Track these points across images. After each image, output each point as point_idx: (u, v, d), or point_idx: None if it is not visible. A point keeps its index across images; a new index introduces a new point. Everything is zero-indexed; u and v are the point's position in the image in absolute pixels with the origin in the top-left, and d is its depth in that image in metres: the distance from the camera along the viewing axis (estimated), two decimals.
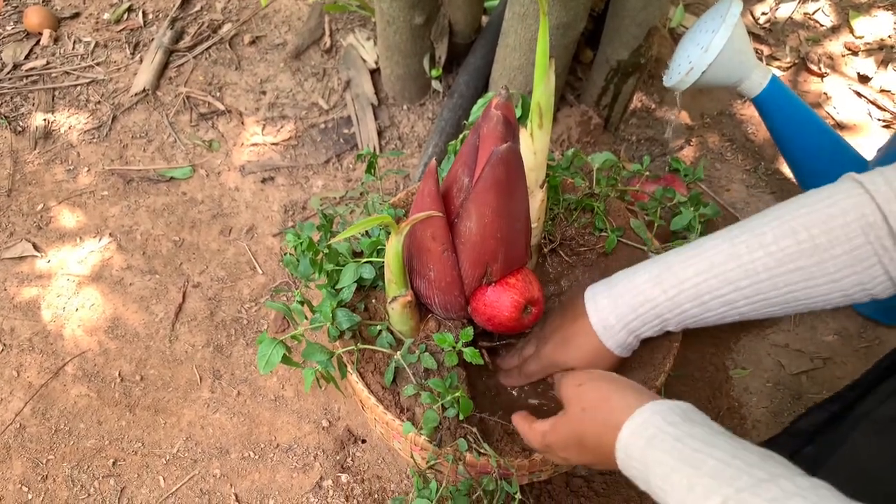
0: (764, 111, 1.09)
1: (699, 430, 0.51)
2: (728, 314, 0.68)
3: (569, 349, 0.78)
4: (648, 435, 0.53)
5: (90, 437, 1.04)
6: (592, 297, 0.77)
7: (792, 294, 0.63)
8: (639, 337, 0.75)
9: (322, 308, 0.80)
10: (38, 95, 1.42)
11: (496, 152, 0.65)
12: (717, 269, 0.66)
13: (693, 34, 1.05)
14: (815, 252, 0.61)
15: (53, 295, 1.17)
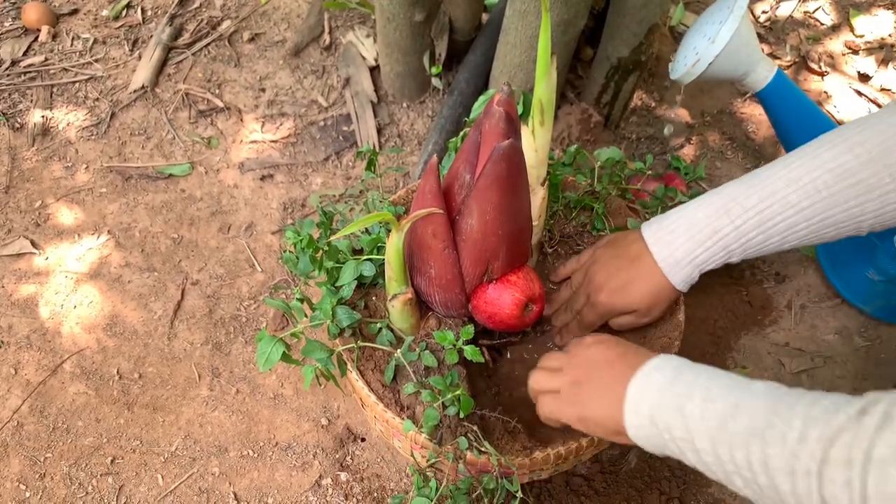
0: (768, 105, 1.08)
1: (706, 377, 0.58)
2: (788, 239, 0.71)
3: (630, 291, 0.79)
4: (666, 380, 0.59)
5: (88, 435, 1.03)
6: (653, 236, 0.78)
7: (848, 211, 0.66)
8: (702, 271, 0.77)
9: (322, 305, 0.80)
10: (36, 92, 1.41)
11: (498, 149, 0.65)
12: (778, 195, 0.69)
13: (699, 26, 1.05)
14: (870, 163, 0.64)
15: (51, 292, 1.17)
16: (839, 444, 0.44)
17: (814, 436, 0.46)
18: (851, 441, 0.44)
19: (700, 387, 0.56)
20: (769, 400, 0.51)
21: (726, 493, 1.00)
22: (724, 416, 0.53)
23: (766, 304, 1.21)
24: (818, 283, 1.22)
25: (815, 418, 0.47)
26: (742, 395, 0.53)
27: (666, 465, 1.02)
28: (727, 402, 0.54)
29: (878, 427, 0.43)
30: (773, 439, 0.48)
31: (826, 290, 1.21)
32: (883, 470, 0.41)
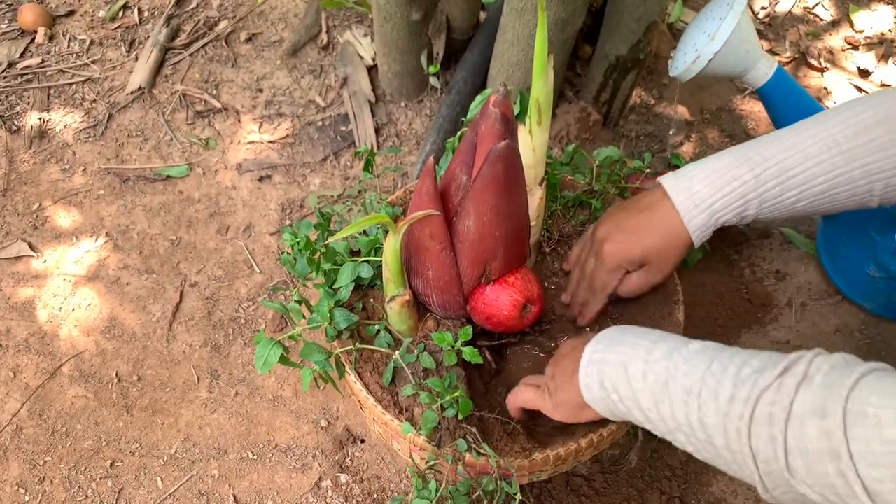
0: (768, 102, 1.08)
1: None
2: (804, 196, 0.71)
3: (641, 237, 0.77)
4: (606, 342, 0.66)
5: (87, 438, 1.03)
6: (671, 181, 0.77)
7: (865, 167, 0.68)
8: (718, 221, 0.76)
9: (320, 308, 0.80)
10: (33, 94, 1.41)
11: (494, 150, 0.65)
12: (798, 146, 0.70)
13: (699, 22, 1.04)
14: (887, 121, 0.66)
15: (50, 295, 1.17)
16: (763, 402, 0.49)
17: (742, 396, 0.50)
18: (773, 399, 0.48)
19: (641, 348, 0.61)
20: (704, 361, 0.55)
21: (727, 492, 1.00)
22: (665, 377, 0.57)
23: (766, 301, 1.20)
24: (818, 281, 1.22)
25: (744, 380, 0.51)
26: (680, 356, 0.57)
27: (666, 465, 1.01)
28: (668, 363, 0.58)
29: (797, 385, 0.47)
30: (708, 398, 0.53)
31: (826, 288, 1.21)
32: (801, 425, 0.46)
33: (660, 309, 0.88)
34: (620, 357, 0.62)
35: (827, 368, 0.47)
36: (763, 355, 0.52)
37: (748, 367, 0.52)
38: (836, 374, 0.46)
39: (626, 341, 0.64)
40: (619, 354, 0.63)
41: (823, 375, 0.47)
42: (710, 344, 0.58)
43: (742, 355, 0.54)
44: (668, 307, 0.87)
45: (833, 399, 0.45)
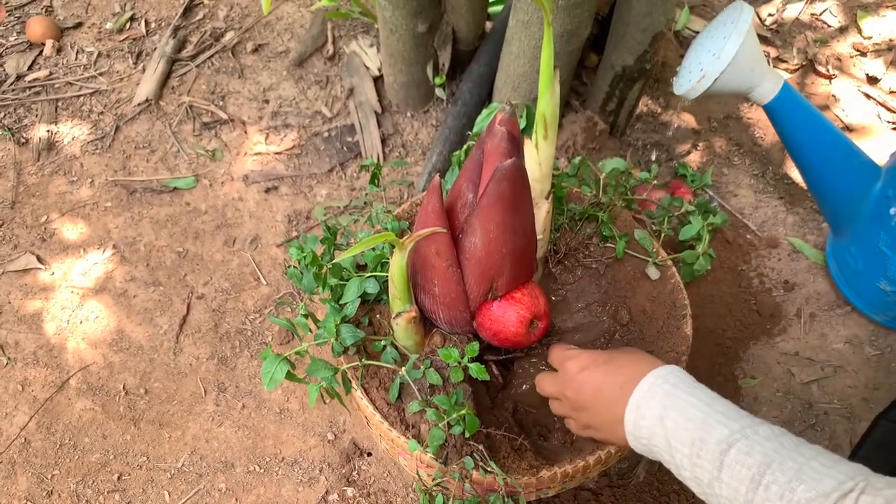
0: (775, 118, 1.07)
1: (704, 391, 0.61)
2: None
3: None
4: (661, 392, 0.62)
5: (95, 451, 1.03)
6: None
7: None
8: None
9: (326, 324, 0.80)
10: (41, 106, 1.42)
11: (500, 168, 0.64)
12: None
13: (703, 40, 1.03)
14: None
15: (57, 307, 1.17)
16: None
17: None
18: None
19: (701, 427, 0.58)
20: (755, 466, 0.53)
21: None
22: (711, 479, 0.56)
23: (775, 312, 1.19)
24: (828, 292, 1.21)
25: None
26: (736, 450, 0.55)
27: (675, 480, 1.01)
28: (712, 464, 0.56)
29: None
30: (763, 493, 0.52)
31: (836, 299, 1.20)
32: None
33: (668, 323, 0.88)
34: (676, 431, 0.59)
35: None
36: (816, 474, 0.51)
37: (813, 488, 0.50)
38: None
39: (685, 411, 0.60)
40: (674, 425, 0.59)
41: None
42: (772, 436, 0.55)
43: (789, 472, 0.52)
44: (676, 321, 0.87)
45: None
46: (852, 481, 0.49)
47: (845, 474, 0.50)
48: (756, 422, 0.56)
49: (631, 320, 0.91)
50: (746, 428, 0.56)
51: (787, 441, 0.54)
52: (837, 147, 1.07)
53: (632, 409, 0.64)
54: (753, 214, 1.31)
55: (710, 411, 0.58)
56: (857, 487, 0.48)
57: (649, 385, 0.63)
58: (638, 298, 0.92)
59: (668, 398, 0.61)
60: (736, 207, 1.31)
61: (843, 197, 1.10)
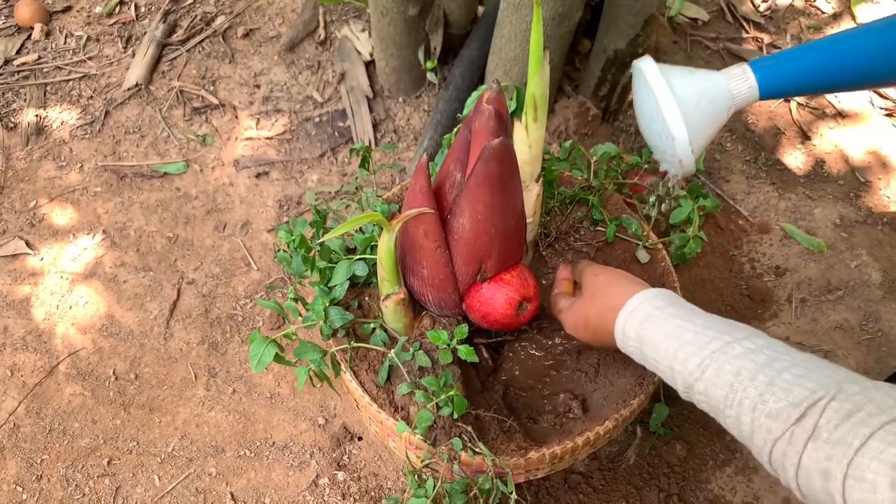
0: (787, 90, 0.86)
1: (680, 310, 0.63)
2: None
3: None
4: (640, 318, 0.65)
5: (84, 436, 1.03)
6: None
7: None
8: None
9: (314, 306, 0.79)
10: (29, 91, 1.40)
11: (488, 147, 0.64)
12: None
13: (647, 126, 0.87)
14: None
15: (47, 293, 1.16)
16: (776, 451, 0.51)
17: (759, 435, 0.53)
18: (784, 449, 0.51)
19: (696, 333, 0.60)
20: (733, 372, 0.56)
21: (726, 490, 0.99)
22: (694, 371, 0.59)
23: (766, 297, 1.20)
24: (818, 276, 1.21)
25: (760, 421, 0.52)
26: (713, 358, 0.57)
27: (665, 462, 1.01)
28: (686, 390, 0.60)
29: (805, 441, 0.49)
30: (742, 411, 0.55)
31: (826, 284, 1.20)
32: (808, 477, 0.49)
33: None
34: (672, 329, 0.61)
35: (837, 421, 0.47)
36: (783, 388, 0.52)
37: (768, 404, 0.52)
38: (844, 431, 0.47)
39: (680, 315, 0.63)
40: (671, 326, 0.62)
41: (832, 430, 0.47)
42: (764, 345, 0.56)
43: (768, 379, 0.53)
44: None
45: (836, 461, 0.46)
46: (823, 390, 0.49)
47: (818, 383, 0.50)
48: (726, 341, 0.57)
49: None
50: (716, 351, 0.57)
51: (758, 357, 0.54)
52: (871, 36, 0.82)
53: (619, 330, 0.67)
54: (745, 200, 1.31)
55: (680, 341, 0.60)
56: (827, 395, 0.49)
57: (633, 308, 0.66)
58: None
59: (646, 321, 0.64)
60: (728, 193, 1.31)
61: None
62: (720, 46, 1.54)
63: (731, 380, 0.55)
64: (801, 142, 1.41)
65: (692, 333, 0.60)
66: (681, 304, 0.65)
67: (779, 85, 0.84)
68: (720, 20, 1.60)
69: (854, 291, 1.20)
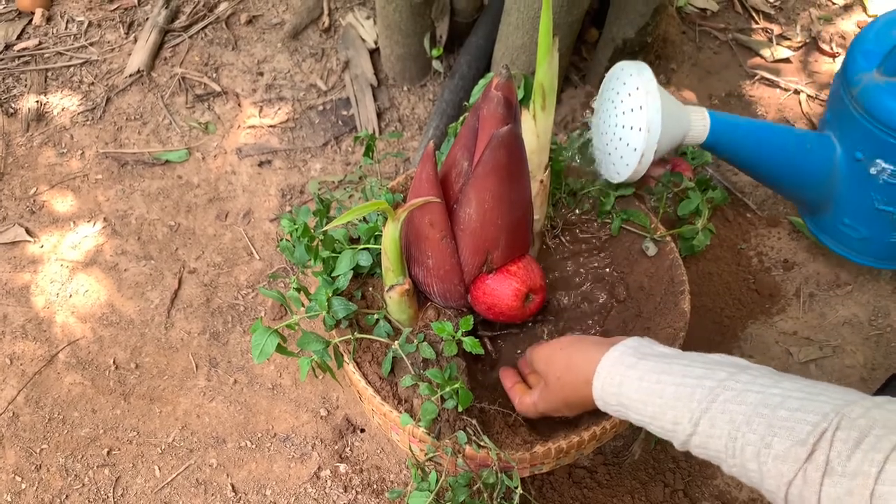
0: (717, 149, 0.98)
1: (653, 361, 0.60)
2: None
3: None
4: (615, 383, 0.62)
5: (84, 426, 1.02)
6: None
7: None
8: None
9: (318, 296, 0.78)
10: (30, 76, 1.39)
11: (496, 135, 0.62)
12: None
13: (610, 119, 0.92)
14: None
15: (47, 281, 1.15)
16: (792, 492, 0.49)
17: (770, 480, 0.50)
18: (801, 490, 0.48)
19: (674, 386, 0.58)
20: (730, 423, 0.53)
21: (731, 486, 0.98)
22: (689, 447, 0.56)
23: (774, 291, 1.18)
24: (827, 271, 1.19)
25: (768, 466, 0.49)
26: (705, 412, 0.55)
27: (670, 457, 1.00)
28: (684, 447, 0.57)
29: (821, 478, 0.46)
30: (740, 457, 0.52)
31: (835, 278, 1.19)
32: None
33: (665, 299, 0.86)
34: (651, 386, 0.59)
35: (848, 452, 0.45)
36: (788, 422, 0.49)
37: (773, 447, 0.49)
38: (858, 461, 0.45)
39: (654, 368, 0.60)
40: (648, 383, 0.59)
41: (845, 462, 0.45)
42: (749, 381, 0.53)
43: (768, 425, 0.50)
44: (674, 297, 0.85)
45: (857, 494, 0.44)
46: (825, 420, 0.47)
47: (817, 413, 0.48)
48: (710, 388, 0.54)
49: (628, 296, 0.90)
50: (704, 401, 0.54)
51: (748, 397, 0.52)
52: (786, 140, 1.02)
53: (598, 400, 0.64)
54: (753, 193, 1.29)
55: (664, 398, 0.57)
56: (830, 425, 0.47)
57: (604, 375, 0.63)
58: (636, 274, 0.91)
59: (623, 385, 0.61)
60: (736, 186, 1.30)
61: (811, 180, 1.04)
62: (729, 37, 1.52)
63: (728, 429, 0.52)
64: None
65: (673, 387, 0.57)
66: (651, 354, 0.62)
67: (721, 136, 0.95)
68: (729, 10, 1.58)
69: (863, 286, 1.18)
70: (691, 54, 1.49)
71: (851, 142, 0.99)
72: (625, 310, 0.90)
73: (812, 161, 1.03)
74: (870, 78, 0.94)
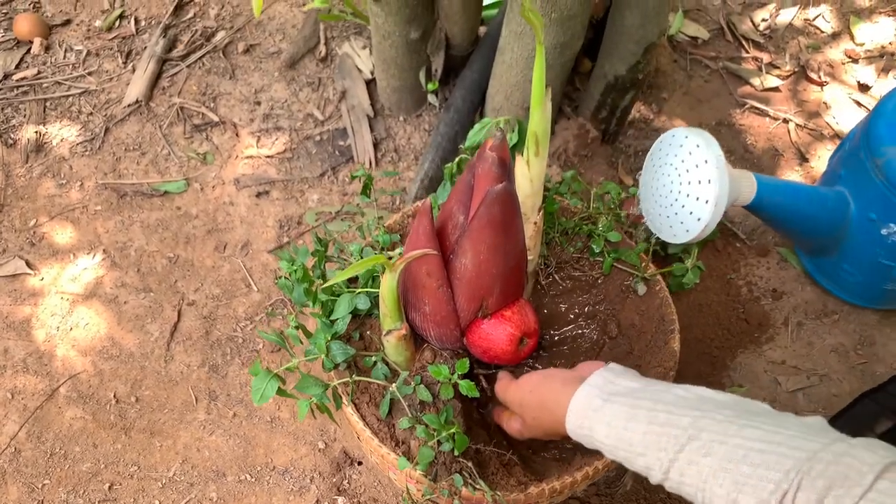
0: (759, 211, 1.05)
1: (618, 405, 0.61)
2: None
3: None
4: (587, 426, 0.63)
5: (86, 460, 1.03)
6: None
7: None
8: None
9: (317, 340, 0.80)
10: (29, 107, 1.40)
11: (491, 192, 0.65)
12: None
13: (673, 187, 0.96)
14: None
15: (47, 314, 1.16)
16: None
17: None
18: None
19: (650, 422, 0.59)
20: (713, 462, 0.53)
21: None
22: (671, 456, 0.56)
23: (763, 321, 1.20)
24: (815, 300, 1.22)
25: None
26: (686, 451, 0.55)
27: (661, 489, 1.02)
28: None
29: None
30: None
31: (823, 307, 1.21)
32: None
33: (656, 337, 0.89)
34: (619, 433, 0.60)
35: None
36: (752, 479, 0.50)
37: (751, 497, 0.50)
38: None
39: (620, 413, 0.61)
40: (617, 430, 0.60)
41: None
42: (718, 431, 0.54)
43: (746, 469, 0.50)
44: (664, 336, 0.87)
45: None
46: (787, 480, 0.48)
47: (779, 471, 0.49)
48: (675, 437, 0.55)
49: (620, 333, 0.92)
50: (671, 451, 0.55)
51: (715, 448, 0.52)
52: (814, 199, 1.08)
53: (574, 437, 0.66)
54: (743, 223, 1.32)
55: (633, 446, 0.58)
56: (791, 486, 0.47)
57: (574, 419, 0.64)
58: (627, 311, 0.93)
59: (593, 429, 0.62)
60: (726, 216, 1.32)
61: (825, 232, 1.11)
62: (720, 65, 1.55)
63: (696, 480, 0.53)
64: (800, 163, 1.42)
65: (640, 435, 0.58)
66: (617, 393, 0.62)
67: (765, 204, 1.01)
68: (720, 39, 1.61)
69: (849, 315, 1.21)
70: (682, 82, 1.51)
71: (866, 202, 1.05)
72: (616, 346, 0.92)
73: (828, 216, 1.09)
74: (894, 153, 1.01)
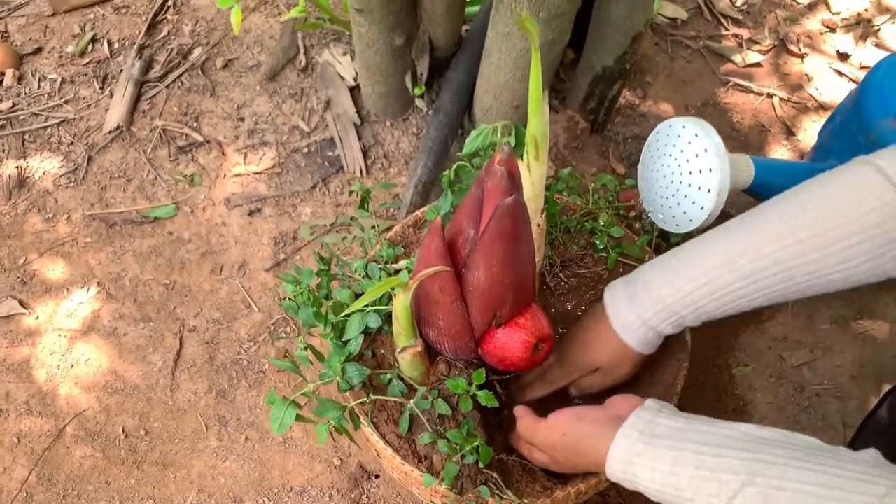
0: (758, 192, 1.06)
1: (663, 450, 0.59)
2: (744, 306, 0.71)
3: (593, 350, 0.80)
4: (630, 472, 0.62)
5: (100, 499, 1.02)
6: (612, 298, 0.79)
7: (808, 283, 0.66)
8: (659, 333, 0.77)
9: (331, 363, 0.79)
10: (7, 141, 1.37)
11: (502, 206, 0.64)
12: (731, 265, 0.67)
13: (673, 178, 0.96)
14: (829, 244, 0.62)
15: (46, 353, 1.14)
16: None
17: None
18: None
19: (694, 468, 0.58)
20: None
21: None
22: None
23: None
24: None
25: None
26: None
27: None
28: None
29: None
30: None
31: None
32: None
33: None
34: (664, 478, 0.59)
35: None
36: None
37: None
38: None
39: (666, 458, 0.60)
40: (662, 475, 0.59)
41: None
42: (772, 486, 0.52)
43: None
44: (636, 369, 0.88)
45: None
46: None
47: None
48: (727, 480, 0.54)
49: None
50: (723, 498, 0.54)
51: (777, 496, 0.51)
52: (811, 175, 1.09)
53: (616, 480, 0.65)
54: (736, 202, 1.32)
55: (679, 492, 0.57)
56: None
57: (616, 466, 0.63)
58: None
59: (636, 478, 0.62)
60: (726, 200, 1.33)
61: None
62: (700, 45, 1.55)
63: None
64: (787, 137, 1.43)
65: (687, 480, 0.56)
66: (659, 435, 0.61)
67: (762, 184, 1.02)
68: (699, 18, 1.61)
69: None
70: (665, 65, 1.51)
71: None
72: None
73: None
74: (887, 125, 1.01)
